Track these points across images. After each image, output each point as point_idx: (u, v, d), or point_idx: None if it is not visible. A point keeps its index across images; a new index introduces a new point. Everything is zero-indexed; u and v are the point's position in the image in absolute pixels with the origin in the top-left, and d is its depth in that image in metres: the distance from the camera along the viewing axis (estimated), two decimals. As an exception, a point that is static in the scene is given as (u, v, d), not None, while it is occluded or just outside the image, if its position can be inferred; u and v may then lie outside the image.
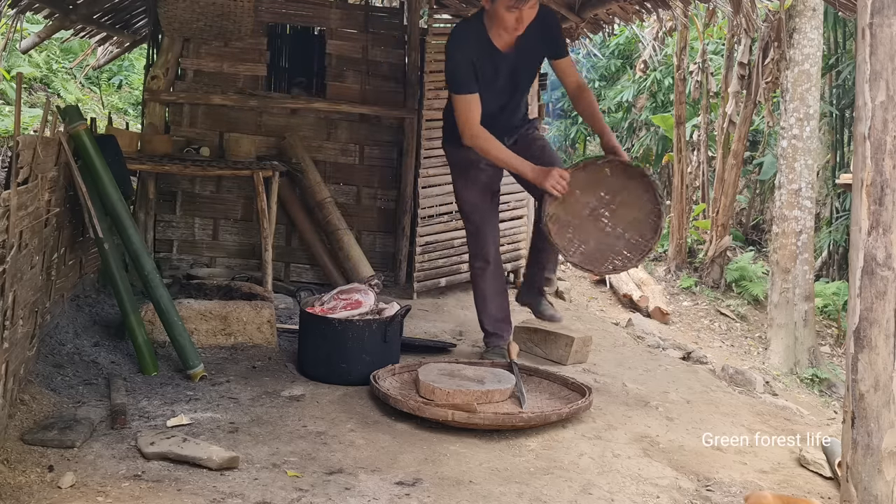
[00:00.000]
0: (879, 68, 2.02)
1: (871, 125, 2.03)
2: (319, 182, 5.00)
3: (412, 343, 3.71)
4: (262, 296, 3.97)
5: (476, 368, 3.21)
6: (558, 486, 2.38)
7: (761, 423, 3.20)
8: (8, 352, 2.27)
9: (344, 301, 3.42)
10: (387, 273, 5.16)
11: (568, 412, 2.86)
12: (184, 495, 2.12)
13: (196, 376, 3.11)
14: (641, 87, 12.47)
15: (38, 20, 6.73)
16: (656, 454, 2.71)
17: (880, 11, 2.02)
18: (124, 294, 3.19)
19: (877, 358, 2.01)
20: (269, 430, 2.64)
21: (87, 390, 2.88)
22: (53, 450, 2.33)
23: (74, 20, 5.26)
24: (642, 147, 12.67)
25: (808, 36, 7.04)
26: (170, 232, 5.08)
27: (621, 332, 5.21)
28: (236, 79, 5.08)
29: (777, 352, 6.90)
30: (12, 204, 2.19)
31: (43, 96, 8.85)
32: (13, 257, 2.24)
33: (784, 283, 7.02)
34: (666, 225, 9.38)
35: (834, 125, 9.53)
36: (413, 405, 2.79)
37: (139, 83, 9.13)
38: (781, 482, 2.58)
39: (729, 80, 8.41)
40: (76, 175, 3.10)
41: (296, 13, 5.18)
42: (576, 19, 5.55)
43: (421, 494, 2.24)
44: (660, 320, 6.92)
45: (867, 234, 2.03)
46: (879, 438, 2.01)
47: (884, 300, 2.01)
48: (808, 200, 7.10)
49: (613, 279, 7.72)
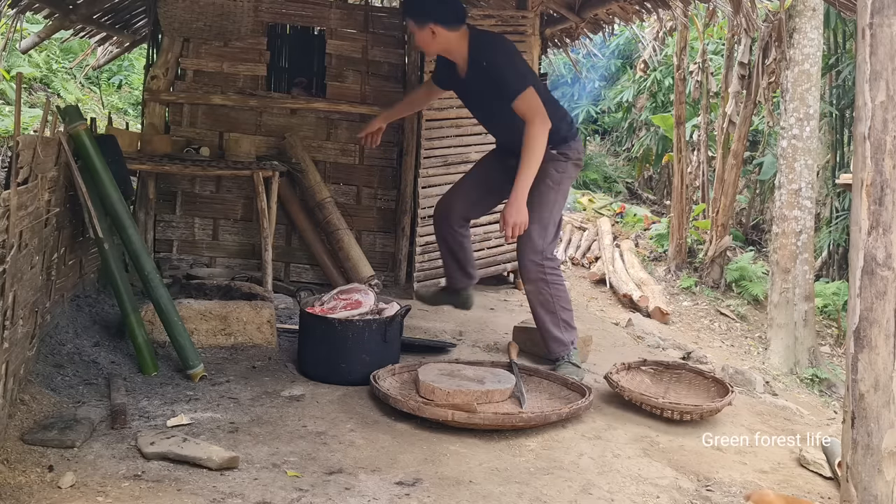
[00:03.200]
0: (879, 68, 2.02)
1: (871, 125, 2.03)
2: (319, 182, 4.99)
3: (412, 343, 3.71)
4: (262, 296, 3.97)
5: (476, 368, 3.21)
6: (558, 486, 2.38)
7: (761, 423, 3.21)
8: (8, 352, 2.27)
9: (344, 301, 3.42)
10: (387, 273, 5.16)
11: (568, 412, 2.86)
12: (184, 495, 2.12)
13: (196, 376, 3.11)
14: (641, 87, 12.48)
15: (38, 20, 6.74)
16: (656, 454, 2.71)
17: (880, 11, 2.02)
18: (124, 294, 3.19)
19: (877, 358, 2.02)
20: (269, 430, 2.64)
21: (87, 390, 2.88)
22: (53, 450, 2.33)
23: (74, 20, 5.26)
24: (642, 147, 12.68)
25: (808, 36, 7.03)
26: (170, 232, 5.08)
27: (621, 332, 5.21)
28: (236, 79, 5.08)
29: (777, 352, 6.90)
30: (12, 204, 2.19)
31: (43, 96, 8.85)
32: (13, 257, 2.24)
33: (784, 283, 7.02)
34: (666, 224, 9.39)
35: (834, 125, 9.53)
36: (413, 405, 2.79)
37: (139, 83, 9.13)
38: (781, 482, 2.58)
39: (729, 80, 8.41)
40: (76, 175, 3.10)
41: (296, 13, 5.18)
42: (576, 19, 5.55)
43: (421, 494, 2.24)
44: (660, 320, 6.92)
45: (867, 234, 2.03)
46: (879, 438, 2.01)
47: (884, 300, 2.01)
48: (808, 200, 7.10)
49: (613, 279, 7.73)
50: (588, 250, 8.75)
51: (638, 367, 3.43)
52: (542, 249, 3.49)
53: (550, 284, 3.53)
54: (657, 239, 9.57)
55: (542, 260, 3.49)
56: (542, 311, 3.55)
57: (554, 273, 3.56)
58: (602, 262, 8.25)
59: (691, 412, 3.02)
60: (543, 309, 3.55)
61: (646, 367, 3.45)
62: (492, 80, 3.39)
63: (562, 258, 8.48)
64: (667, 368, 3.45)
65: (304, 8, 5.16)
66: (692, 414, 3.02)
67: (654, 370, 3.43)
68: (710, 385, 3.30)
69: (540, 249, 3.48)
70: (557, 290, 3.55)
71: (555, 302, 3.54)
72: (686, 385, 3.34)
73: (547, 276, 3.51)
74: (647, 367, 3.44)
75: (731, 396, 3.15)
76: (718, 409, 3.09)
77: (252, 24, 5.03)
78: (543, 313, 3.55)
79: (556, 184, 3.50)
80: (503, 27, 5.14)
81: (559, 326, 3.55)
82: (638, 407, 3.11)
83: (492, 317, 4.63)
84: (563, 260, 8.45)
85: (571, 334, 3.58)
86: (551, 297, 3.53)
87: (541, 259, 3.49)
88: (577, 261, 8.50)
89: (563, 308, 3.57)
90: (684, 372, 3.43)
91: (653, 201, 12.65)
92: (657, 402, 3.07)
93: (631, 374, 3.33)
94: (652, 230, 9.94)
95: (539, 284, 3.52)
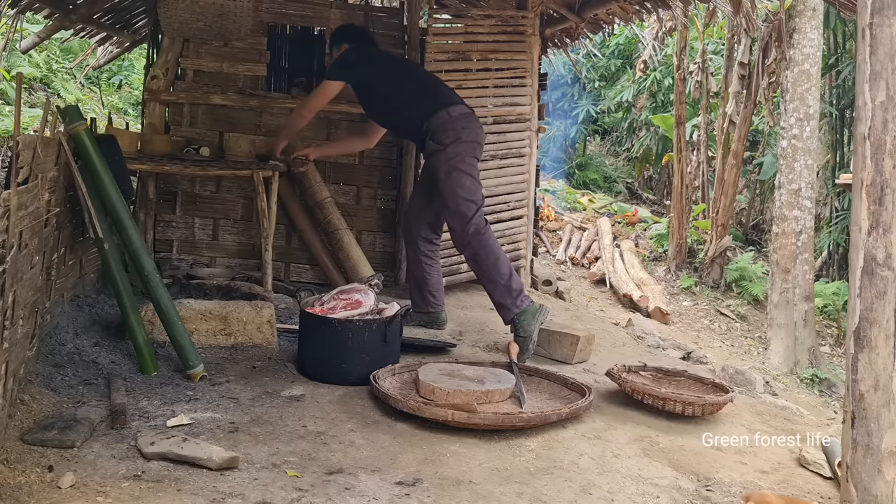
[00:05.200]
0: (879, 68, 2.02)
1: (871, 125, 2.03)
2: (319, 182, 4.99)
3: (412, 343, 3.71)
4: (262, 296, 3.97)
5: (476, 368, 3.21)
6: (558, 486, 2.38)
7: (761, 423, 3.21)
8: (8, 352, 2.27)
9: (344, 301, 3.42)
10: (387, 273, 5.15)
11: (568, 412, 2.86)
12: (184, 495, 2.12)
13: (196, 376, 3.11)
14: (641, 87, 12.48)
15: (38, 20, 6.73)
16: (656, 454, 2.71)
17: (880, 11, 2.02)
18: (124, 294, 3.19)
19: (877, 358, 2.02)
20: (269, 430, 2.64)
21: (87, 390, 2.88)
22: (53, 450, 2.33)
23: (74, 20, 5.26)
24: (642, 147, 12.68)
25: (808, 36, 7.03)
26: (170, 232, 5.08)
27: (621, 332, 5.21)
28: (236, 79, 5.07)
29: (777, 352, 6.90)
30: (12, 204, 2.19)
31: (43, 96, 8.84)
32: (13, 257, 2.24)
33: (784, 283, 7.02)
34: (667, 224, 9.39)
35: (834, 125, 9.53)
36: (413, 405, 2.79)
37: (139, 83, 9.13)
38: (781, 482, 2.58)
39: (729, 80, 8.41)
40: (76, 175, 3.10)
41: (296, 13, 5.17)
42: (576, 19, 5.55)
43: (421, 494, 2.24)
44: (660, 320, 6.92)
45: (867, 234, 2.03)
46: (879, 438, 2.01)
47: (884, 300, 2.01)
48: (808, 200, 7.10)
49: (613, 279, 7.73)
50: (588, 250, 8.75)
51: (637, 372, 3.43)
52: (462, 229, 3.77)
53: (484, 256, 3.76)
54: (657, 239, 9.58)
55: (468, 238, 3.77)
56: (486, 282, 3.80)
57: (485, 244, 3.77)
58: (602, 262, 8.25)
59: (694, 403, 3.03)
60: (486, 280, 3.78)
61: (645, 371, 3.45)
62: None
63: (562, 258, 8.48)
64: (666, 375, 3.45)
65: (304, 8, 5.15)
66: (694, 406, 3.02)
67: (654, 376, 3.43)
68: (709, 390, 3.31)
69: (460, 231, 3.78)
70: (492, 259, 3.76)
71: (492, 270, 3.76)
72: (686, 389, 3.34)
73: (479, 250, 3.76)
74: (646, 373, 3.44)
75: (733, 394, 3.16)
76: (721, 404, 3.09)
77: (252, 24, 5.02)
78: (487, 284, 3.80)
79: (447, 172, 3.82)
80: (503, 27, 5.14)
81: (503, 293, 3.74)
82: (639, 405, 3.12)
83: (492, 317, 4.63)
84: (563, 260, 8.45)
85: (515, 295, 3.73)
86: (488, 267, 3.76)
87: (466, 238, 3.77)
88: (577, 261, 8.50)
89: (501, 273, 3.75)
90: (683, 379, 3.42)
91: (653, 201, 12.65)
92: (660, 392, 3.08)
93: (632, 377, 3.33)
94: (652, 230, 9.94)
95: (476, 258, 3.78)
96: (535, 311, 3.68)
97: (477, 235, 3.75)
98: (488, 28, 5.10)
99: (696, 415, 3.04)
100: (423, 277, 4.13)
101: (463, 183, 3.80)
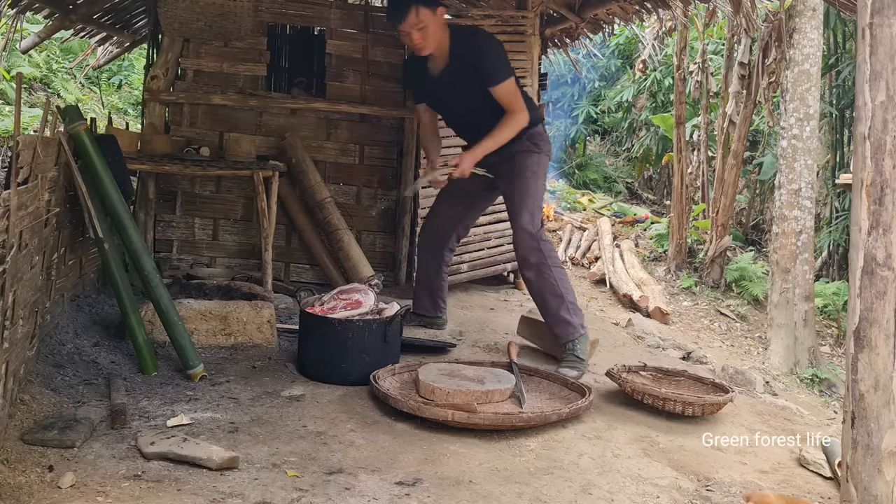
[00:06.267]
0: (879, 68, 2.02)
1: (871, 125, 2.03)
2: (319, 182, 4.99)
3: (412, 343, 3.71)
4: (262, 296, 3.97)
5: (476, 368, 3.21)
6: (558, 486, 2.38)
7: (761, 423, 3.21)
8: (8, 352, 2.27)
9: (344, 301, 3.42)
10: (387, 273, 5.15)
11: (568, 412, 2.86)
12: (184, 495, 2.12)
13: (196, 376, 3.11)
14: (641, 87, 12.49)
15: (38, 20, 6.73)
16: (656, 454, 2.71)
17: (880, 11, 2.02)
18: (124, 294, 3.19)
19: (877, 358, 2.01)
20: (269, 430, 2.64)
21: (87, 390, 2.88)
22: (53, 450, 2.33)
23: (74, 20, 5.26)
24: (642, 147, 12.68)
25: (808, 36, 7.03)
26: (170, 232, 5.08)
27: (621, 332, 5.21)
28: (236, 79, 5.08)
29: (777, 352, 6.90)
30: (12, 204, 2.19)
31: (43, 96, 8.85)
32: (13, 257, 2.24)
33: (784, 283, 7.01)
34: (667, 224, 9.39)
35: (834, 125, 9.53)
36: (413, 405, 2.79)
37: (139, 83, 9.13)
38: (781, 482, 2.58)
39: (729, 80, 8.41)
40: (76, 175, 3.10)
41: (296, 13, 5.18)
42: (576, 19, 5.55)
43: (421, 494, 2.24)
44: (660, 320, 6.91)
45: (867, 234, 2.03)
46: (879, 438, 2.01)
47: (884, 300, 2.01)
48: (808, 200, 7.10)
49: (613, 279, 7.72)
50: (588, 250, 8.75)
51: (637, 372, 3.43)
52: (536, 233, 3.61)
53: (552, 267, 3.60)
54: (657, 239, 9.57)
55: (539, 243, 3.59)
56: (549, 296, 3.59)
57: (553, 256, 3.64)
58: (602, 262, 8.24)
59: (694, 404, 3.03)
60: (550, 294, 3.59)
61: (645, 371, 3.46)
62: (472, 71, 3.52)
63: (562, 258, 8.48)
64: (666, 375, 3.45)
65: (304, 8, 5.16)
66: (694, 406, 3.03)
67: (654, 376, 3.43)
68: (709, 390, 3.31)
69: (534, 233, 3.60)
70: (560, 273, 3.62)
71: (559, 285, 3.59)
72: (686, 389, 3.34)
73: (548, 260, 3.60)
74: (646, 373, 3.44)
75: (733, 394, 3.17)
76: (721, 404, 3.09)
77: (252, 24, 5.03)
78: (551, 298, 3.59)
79: (533, 174, 3.68)
80: (503, 27, 5.14)
81: (568, 310, 3.58)
82: (639, 405, 3.12)
83: (492, 317, 4.64)
84: (563, 260, 8.44)
85: (580, 317, 3.62)
86: (555, 280, 3.59)
87: (537, 243, 3.59)
88: (577, 261, 8.50)
89: (568, 290, 3.62)
90: (683, 379, 3.43)
91: (653, 201, 12.65)
92: (660, 392, 3.09)
93: (632, 377, 3.33)
94: (652, 230, 9.94)
95: (542, 268, 3.59)
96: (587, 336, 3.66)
97: (546, 244, 3.64)
98: (488, 28, 5.09)
99: (696, 415, 3.04)
100: (440, 286, 4.12)
101: (541, 191, 3.74)
